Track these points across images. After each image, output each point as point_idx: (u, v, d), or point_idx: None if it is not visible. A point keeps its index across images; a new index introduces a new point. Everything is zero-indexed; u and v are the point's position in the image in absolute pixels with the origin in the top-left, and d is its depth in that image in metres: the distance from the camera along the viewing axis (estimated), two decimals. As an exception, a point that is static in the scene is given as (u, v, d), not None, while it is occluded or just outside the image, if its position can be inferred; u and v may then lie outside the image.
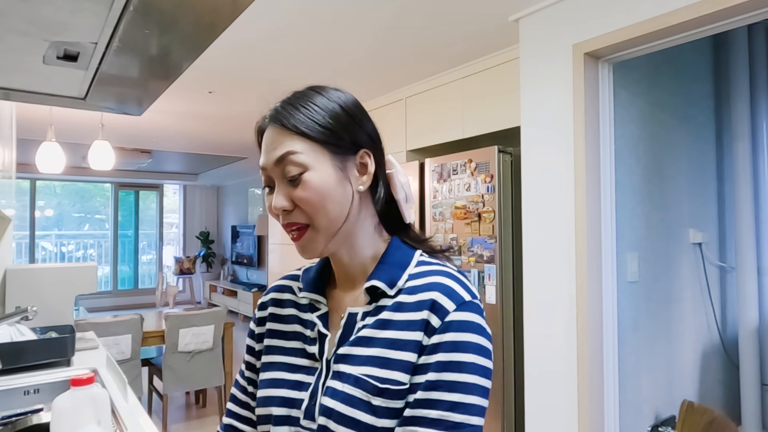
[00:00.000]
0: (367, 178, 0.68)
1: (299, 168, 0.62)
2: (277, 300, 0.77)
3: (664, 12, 1.78)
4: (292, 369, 0.70)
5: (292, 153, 0.63)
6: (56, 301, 2.13)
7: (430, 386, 0.59)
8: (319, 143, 0.64)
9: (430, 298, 0.62)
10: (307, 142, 0.63)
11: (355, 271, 0.70)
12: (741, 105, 2.80)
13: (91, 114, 4.06)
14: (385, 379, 0.61)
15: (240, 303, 7.46)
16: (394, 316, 0.64)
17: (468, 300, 0.63)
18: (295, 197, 0.63)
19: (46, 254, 8.26)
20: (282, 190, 0.64)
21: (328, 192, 0.63)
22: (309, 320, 0.71)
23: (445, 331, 0.60)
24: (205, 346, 3.31)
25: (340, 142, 0.65)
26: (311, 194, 0.62)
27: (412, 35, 2.55)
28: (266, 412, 0.69)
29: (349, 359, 0.64)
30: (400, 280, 0.66)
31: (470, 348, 0.60)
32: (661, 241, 2.47)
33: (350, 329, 0.67)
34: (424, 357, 0.60)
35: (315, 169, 0.63)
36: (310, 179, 0.62)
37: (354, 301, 0.69)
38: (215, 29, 0.70)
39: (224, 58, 2.91)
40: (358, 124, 0.67)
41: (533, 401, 2.21)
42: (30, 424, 1.28)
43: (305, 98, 0.66)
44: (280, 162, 0.63)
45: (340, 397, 0.62)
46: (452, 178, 2.73)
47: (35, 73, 0.85)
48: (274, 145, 0.64)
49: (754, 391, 2.78)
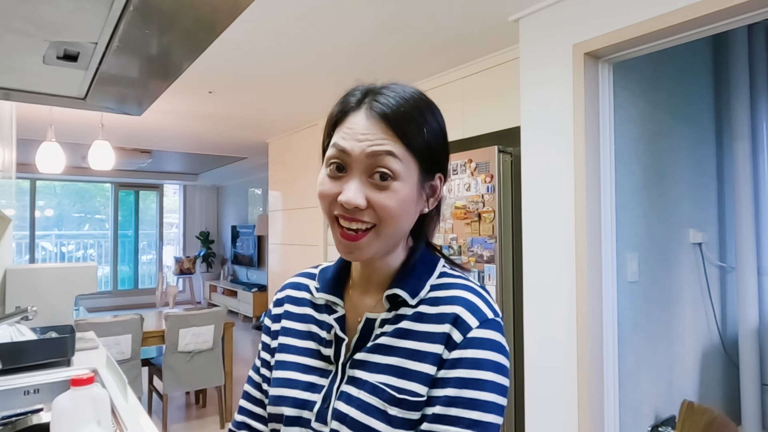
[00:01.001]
0: (434, 201, 0.68)
1: (391, 173, 0.60)
2: (294, 298, 0.76)
3: (664, 12, 1.78)
4: (305, 370, 0.69)
5: (392, 154, 0.60)
6: (56, 301, 2.13)
7: (450, 402, 0.59)
8: (416, 158, 0.62)
9: (453, 312, 0.62)
10: (407, 152, 0.61)
11: (379, 277, 0.69)
12: (741, 105, 2.80)
13: (91, 114, 4.06)
14: (402, 389, 0.60)
15: (240, 303, 7.46)
16: (415, 327, 0.63)
17: (491, 318, 0.63)
18: (375, 200, 0.60)
19: (46, 254, 8.26)
20: (361, 186, 0.61)
21: (408, 207, 0.63)
22: (325, 322, 0.70)
23: (467, 347, 0.60)
24: (205, 346, 3.31)
25: (430, 163, 0.65)
26: (394, 205, 0.61)
27: (412, 35, 2.55)
28: (277, 411, 0.68)
29: (367, 366, 0.64)
30: (423, 291, 0.65)
31: (491, 366, 0.60)
32: (661, 241, 2.47)
33: (367, 335, 0.66)
34: (444, 371, 0.60)
35: (404, 181, 0.61)
36: (399, 190, 0.61)
37: (372, 307, 0.68)
38: (215, 29, 0.69)
39: (224, 58, 2.91)
40: (446, 151, 0.67)
41: (533, 401, 2.21)
42: (30, 424, 1.28)
43: (417, 106, 0.63)
44: (374, 157, 0.60)
45: (355, 403, 0.62)
46: (452, 178, 2.73)
47: (35, 73, 0.85)
48: (375, 136, 0.60)
49: (754, 391, 2.78)
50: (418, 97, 0.64)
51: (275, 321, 0.76)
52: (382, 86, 0.65)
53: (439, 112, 0.66)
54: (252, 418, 0.76)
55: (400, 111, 0.61)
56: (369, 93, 0.64)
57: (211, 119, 4.47)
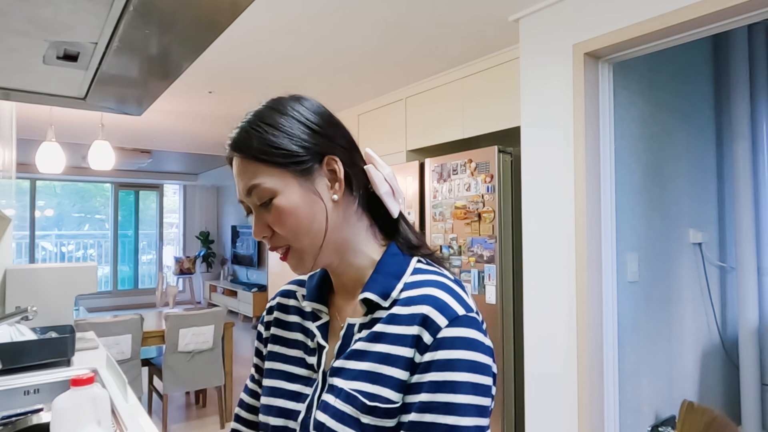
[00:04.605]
0: (339, 185, 0.65)
1: (267, 195, 0.62)
2: (283, 305, 0.76)
3: (664, 12, 1.78)
4: (291, 378, 0.69)
5: (256, 185, 0.63)
6: (56, 301, 2.13)
7: (424, 408, 0.56)
8: (279, 166, 0.62)
9: (421, 312, 0.60)
10: (269, 167, 0.62)
11: (351, 280, 0.68)
12: (741, 105, 2.80)
13: (91, 114, 4.06)
14: (374, 395, 0.58)
15: (240, 303, 7.46)
16: (387, 329, 0.61)
17: (461, 314, 0.59)
18: (270, 223, 0.64)
19: (46, 254, 8.26)
20: (259, 218, 0.65)
21: (298, 213, 0.63)
22: (310, 330, 0.70)
23: (437, 349, 0.57)
24: (205, 346, 3.31)
25: (300, 160, 0.63)
26: (284, 218, 0.63)
27: (412, 35, 2.55)
28: (266, 420, 0.68)
29: (342, 373, 0.62)
30: (395, 291, 0.63)
31: (464, 366, 0.57)
32: (661, 241, 2.47)
33: (348, 341, 0.65)
34: (417, 376, 0.58)
35: (282, 193, 0.62)
36: (279, 204, 0.62)
37: (353, 311, 0.68)
38: (215, 29, 0.69)
39: (224, 58, 2.91)
40: (322, 135, 0.65)
41: (533, 401, 2.21)
42: (30, 424, 1.27)
43: (260, 120, 0.64)
44: (250, 193, 0.64)
45: (330, 411, 0.60)
46: (452, 178, 2.73)
47: (35, 73, 0.85)
48: (240, 176, 0.64)
49: (754, 391, 2.78)
50: (263, 108, 0.66)
51: (266, 328, 0.77)
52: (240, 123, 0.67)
53: (291, 106, 0.65)
54: (246, 426, 0.77)
55: (243, 135, 0.64)
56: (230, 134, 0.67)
57: (211, 119, 4.47)
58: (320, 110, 0.67)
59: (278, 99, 0.67)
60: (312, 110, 0.66)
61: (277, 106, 0.66)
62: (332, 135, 0.66)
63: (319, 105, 0.68)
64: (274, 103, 0.66)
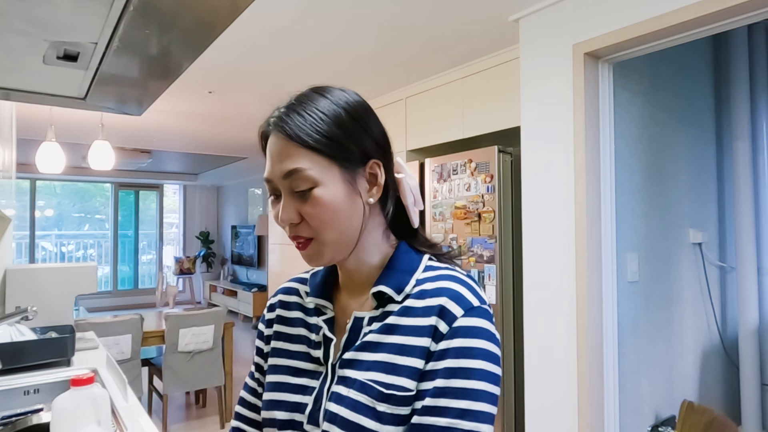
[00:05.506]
0: (377, 190, 0.66)
1: (308, 183, 0.61)
2: (285, 302, 0.77)
3: (664, 12, 1.78)
4: (296, 373, 0.69)
5: (298, 170, 0.61)
6: (56, 301, 2.13)
7: (439, 393, 0.58)
8: (328, 157, 0.62)
9: (438, 303, 0.61)
10: (315, 156, 0.61)
11: (361, 277, 0.69)
12: (741, 105, 2.80)
13: (91, 114, 4.06)
14: (390, 384, 0.60)
15: (240, 303, 7.46)
16: (401, 321, 0.63)
17: (477, 305, 0.61)
18: (303, 212, 0.62)
19: (46, 254, 8.26)
20: (290, 202, 0.63)
21: (338, 208, 0.62)
22: (314, 324, 0.71)
23: (453, 337, 0.59)
24: (205, 346, 3.31)
25: (348, 155, 0.63)
26: (321, 210, 0.61)
27: (412, 35, 2.55)
28: (270, 415, 0.68)
29: (355, 364, 0.63)
30: (408, 286, 0.65)
31: (479, 354, 0.59)
32: (661, 241, 2.47)
33: (356, 334, 0.66)
34: (432, 363, 0.59)
35: (325, 185, 0.61)
36: (320, 195, 0.61)
37: (360, 306, 0.68)
38: (215, 29, 0.69)
39: (224, 58, 2.91)
40: (366, 130, 0.65)
41: (533, 401, 2.21)
42: (30, 424, 1.27)
43: (309, 103, 0.63)
44: (288, 176, 0.62)
45: (344, 402, 0.61)
46: (452, 178, 2.73)
47: (35, 73, 0.85)
48: (281, 157, 0.62)
49: (754, 391, 2.78)
50: (309, 92, 0.65)
51: (268, 326, 0.77)
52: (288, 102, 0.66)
53: (338, 94, 0.65)
54: (247, 424, 0.77)
55: (292, 116, 0.62)
56: (276, 113, 0.65)
57: (211, 119, 4.47)
58: (363, 103, 0.67)
59: (323, 87, 0.66)
60: (356, 102, 0.66)
61: (324, 92, 0.65)
62: (374, 133, 0.67)
63: (371, 107, 0.68)
64: (321, 90, 0.66)
